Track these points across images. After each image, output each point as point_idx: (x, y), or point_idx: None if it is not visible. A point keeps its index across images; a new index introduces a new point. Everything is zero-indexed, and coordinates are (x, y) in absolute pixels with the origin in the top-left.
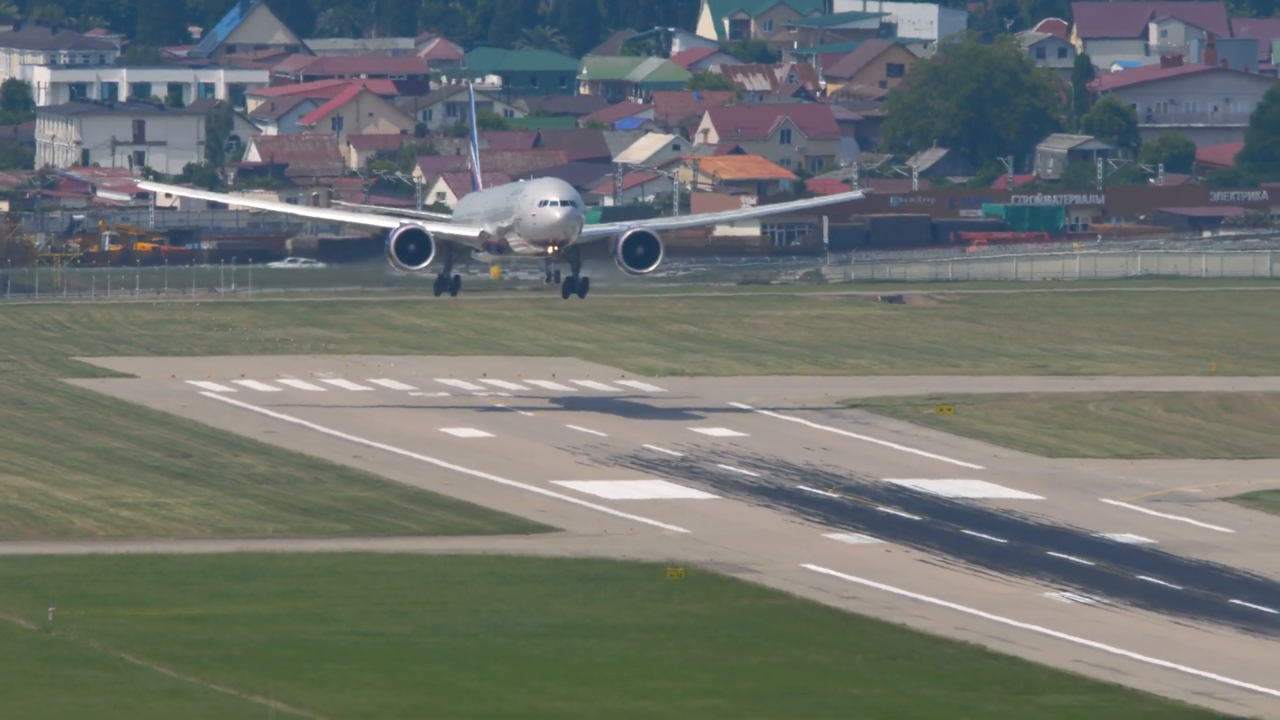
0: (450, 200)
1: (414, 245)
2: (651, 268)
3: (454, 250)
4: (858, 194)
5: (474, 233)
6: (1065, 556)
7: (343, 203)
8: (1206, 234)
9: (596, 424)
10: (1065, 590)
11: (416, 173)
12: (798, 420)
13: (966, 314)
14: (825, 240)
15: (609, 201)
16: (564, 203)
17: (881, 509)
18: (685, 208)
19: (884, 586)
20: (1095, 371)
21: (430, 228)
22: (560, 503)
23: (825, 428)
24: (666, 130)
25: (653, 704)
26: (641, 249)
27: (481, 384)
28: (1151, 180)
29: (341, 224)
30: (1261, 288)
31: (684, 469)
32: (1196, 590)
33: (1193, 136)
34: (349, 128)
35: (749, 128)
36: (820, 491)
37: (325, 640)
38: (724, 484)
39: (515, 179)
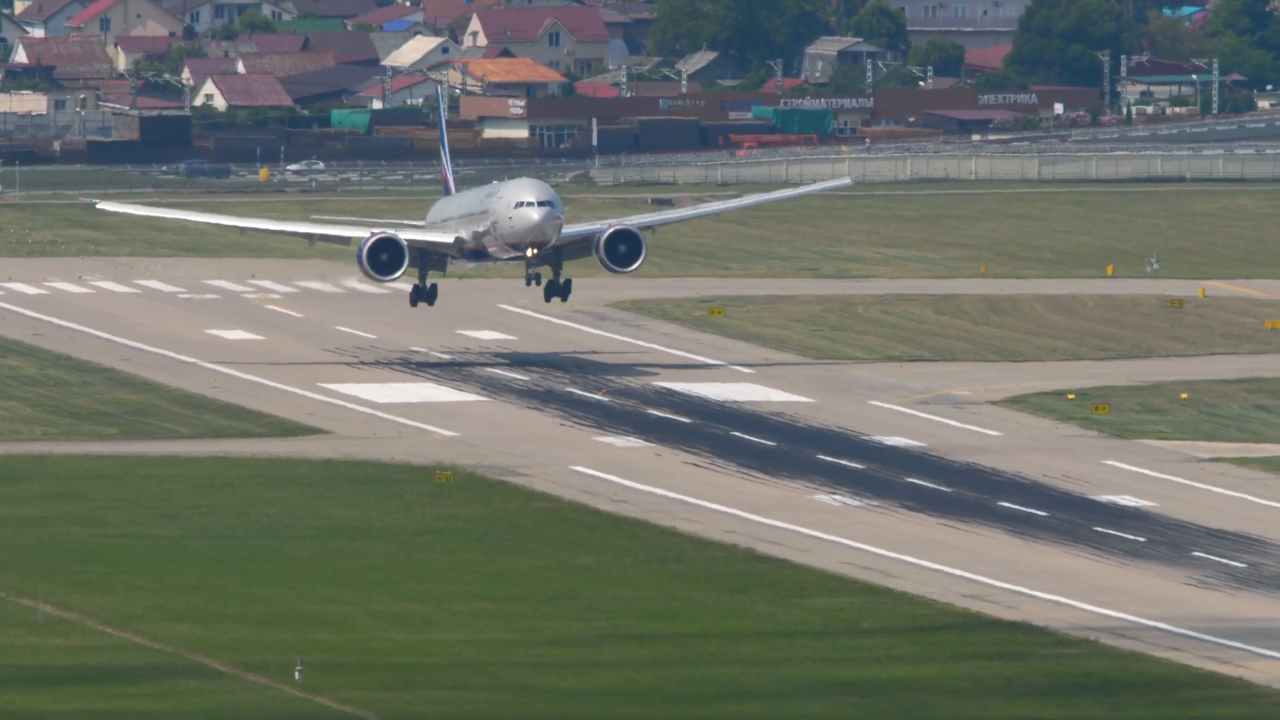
0: (219, 103)
1: (386, 255)
2: (634, 265)
3: (429, 258)
4: (846, 180)
5: (449, 239)
6: (835, 459)
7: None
8: (975, 137)
9: (365, 326)
10: (835, 493)
11: (185, 75)
12: (567, 323)
13: (736, 216)
14: (594, 143)
15: (378, 104)
16: (541, 203)
17: (651, 412)
18: (454, 110)
19: (654, 490)
20: (865, 274)
21: (403, 235)
22: (329, 405)
23: (595, 330)
24: (435, 33)
25: (421, 606)
26: (624, 247)
27: (250, 285)
28: (920, 83)
29: (111, 123)
30: (1030, 190)
31: (453, 371)
32: (965, 493)
33: (961, 40)
34: (117, 29)
35: (518, 30)
36: (590, 395)
37: (93, 543)
38: (493, 387)
39: (284, 81)
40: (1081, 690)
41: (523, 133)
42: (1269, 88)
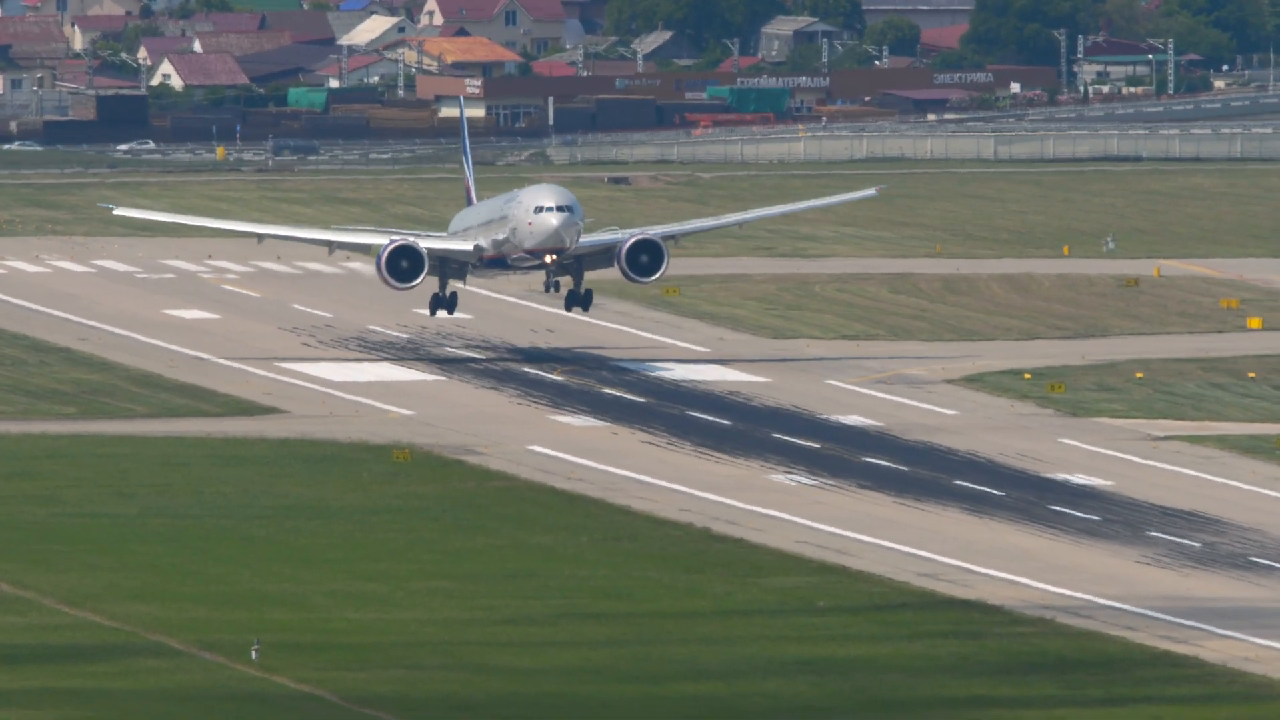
0: (175, 82)
1: (406, 262)
2: (656, 275)
3: (448, 267)
4: (871, 191)
5: (469, 246)
6: (791, 438)
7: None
8: (931, 116)
9: (322, 305)
10: (791, 472)
11: (141, 54)
12: (524, 302)
13: (692, 195)
14: (551, 122)
15: (334, 84)
16: (561, 208)
17: (607, 391)
18: (411, 89)
19: (609, 468)
20: (820, 253)
21: (423, 244)
22: (285, 384)
23: (550, 309)
24: (391, 12)
25: (378, 586)
26: (646, 256)
27: (207, 265)
28: (876, 63)
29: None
30: (985, 170)
31: (409, 351)
32: (921, 472)
33: (917, 19)
34: (74, 8)
35: (474, 9)
36: (546, 374)
37: (50, 522)
38: (449, 366)
39: (241, 60)
40: (1037, 669)
41: (479, 112)
42: (1225, 68)
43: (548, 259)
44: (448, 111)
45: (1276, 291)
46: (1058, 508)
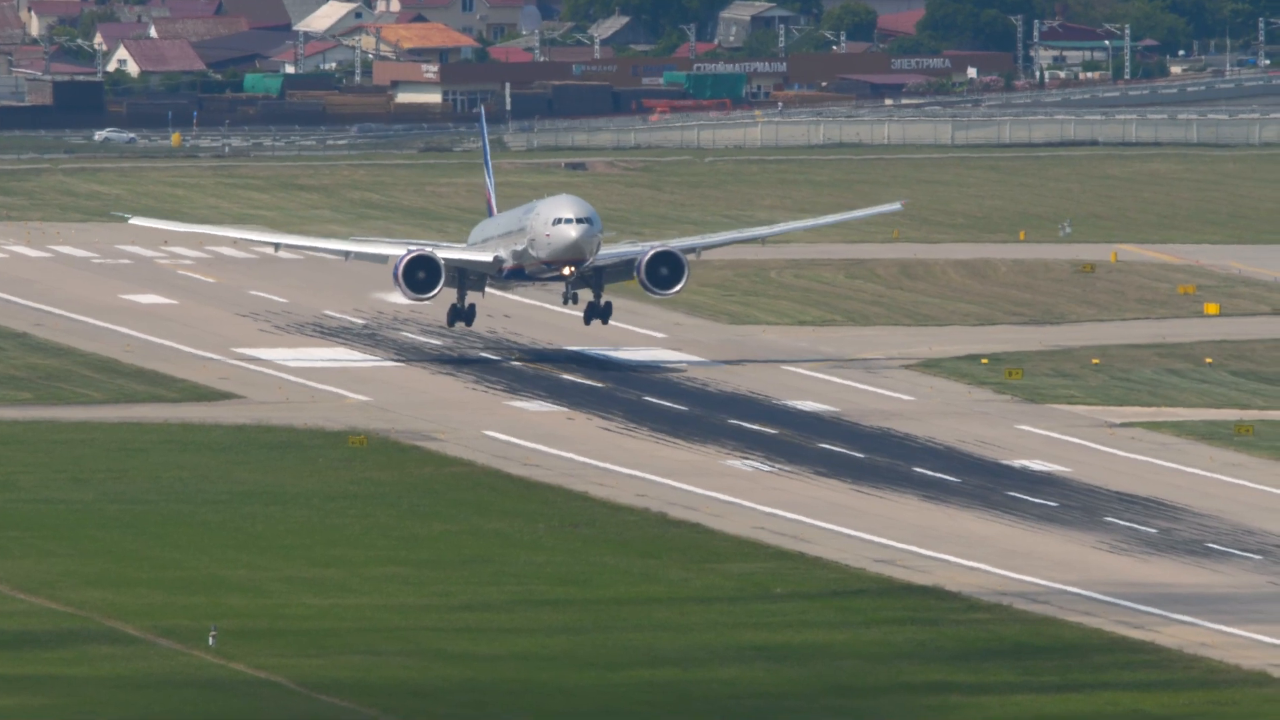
0: (131, 68)
1: (423, 273)
2: (676, 288)
3: (467, 278)
4: (896, 205)
5: (488, 257)
6: (747, 424)
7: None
8: (888, 101)
9: (278, 291)
10: (748, 458)
11: (98, 40)
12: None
13: (649, 181)
14: (507, 108)
15: (291, 70)
16: (580, 220)
17: (564, 377)
18: (367, 75)
19: (566, 454)
20: (777, 239)
21: (441, 254)
22: (242, 370)
23: (508, 295)
24: None
25: (335, 572)
26: (665, 269)
27: (163, 250)
28: (834, 48)
29: (24, 88)
30: (942, 155)
31: (366, 336)
32: (878, 458)
33: (874, 4)
34: None
35: None
36: (503, 359)
37: (7, 508)
38: (406, 351)
39: (197, 46)
40: (993, 655)
41: (436, 97)
42: (1181, 53)
43: (566, 271)
44: (404, 97)
45: (1233, 277)
46: (1015, 494)
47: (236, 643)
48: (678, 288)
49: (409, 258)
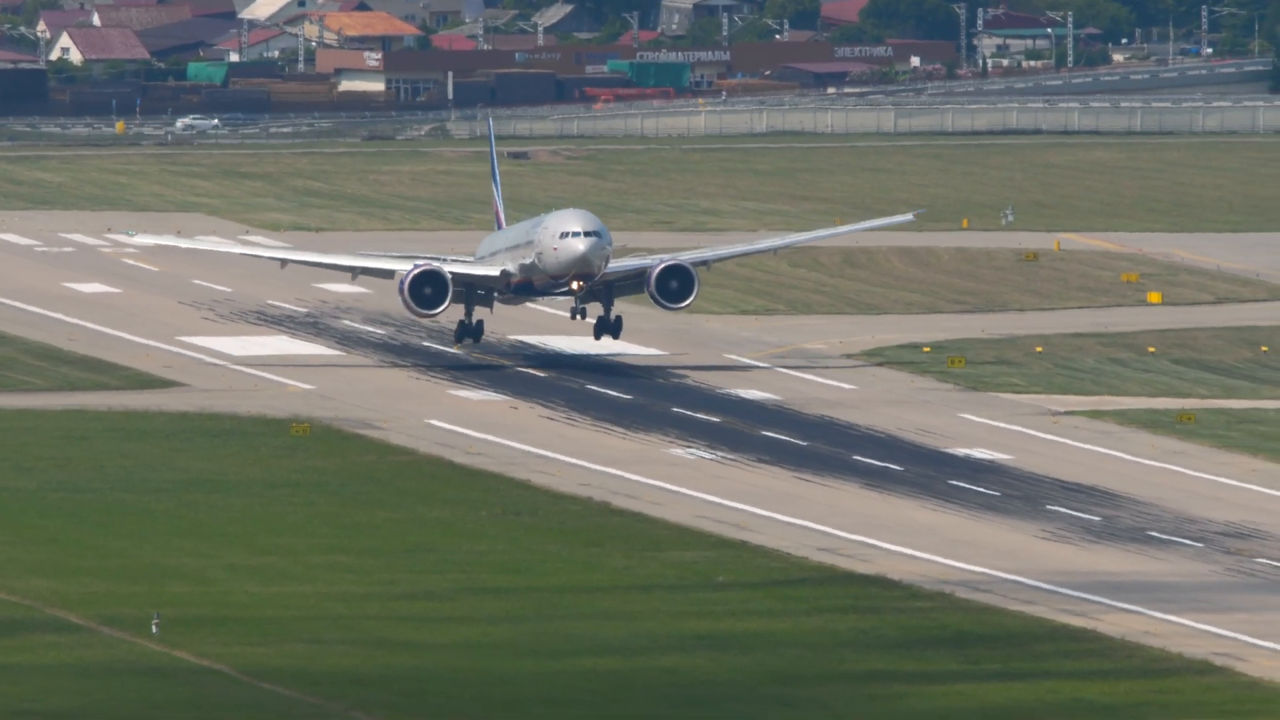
0: (75, 56)
1: (430, 289)
2: (687, 302)
3: (475, 293)
4: (909, 216)
5: (495, 272)
6: (690, 413)
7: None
8: (831, 90)
9: (222, 280)
10: (690, 446)
11: (41, 28)
12: None
13: (592, 170)
14: (450, 96)
15: (235, 57)
16: (588, 233)
17: (507, 366)
18: (310, 63)
19: (509, 443)
20: (721, 227)
21: (448, 268)
22: (185, 358)
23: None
24: None
25: (277, 559)
26: (676, 282)
27: (106, 239)
28: (777, 36)
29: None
30: (885, 143)
31: (309, 325)
32: (821, 446)
33: None
34: None
35: None
36: (445, 348)
37: None
38: (349, 340)
39: (141, 34)
40: (936, 643)
41: (379, 85)
42: (1124, 41)
43: (575, 285)
44: (347, 85)
45: (1176, 266)
46: (957, 482)
47: (180, 631)
48: (688, 301)
49: (415, 273)
